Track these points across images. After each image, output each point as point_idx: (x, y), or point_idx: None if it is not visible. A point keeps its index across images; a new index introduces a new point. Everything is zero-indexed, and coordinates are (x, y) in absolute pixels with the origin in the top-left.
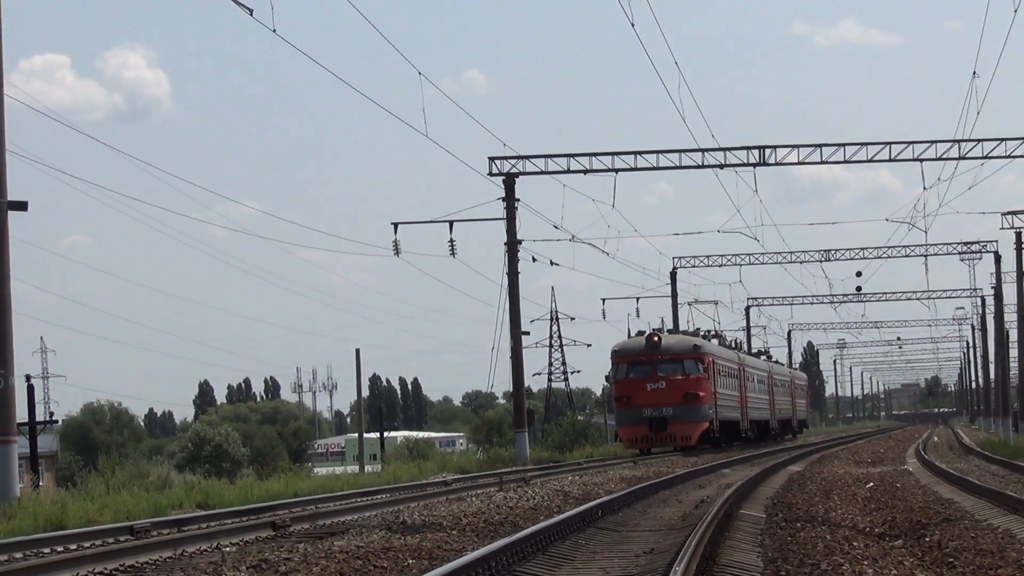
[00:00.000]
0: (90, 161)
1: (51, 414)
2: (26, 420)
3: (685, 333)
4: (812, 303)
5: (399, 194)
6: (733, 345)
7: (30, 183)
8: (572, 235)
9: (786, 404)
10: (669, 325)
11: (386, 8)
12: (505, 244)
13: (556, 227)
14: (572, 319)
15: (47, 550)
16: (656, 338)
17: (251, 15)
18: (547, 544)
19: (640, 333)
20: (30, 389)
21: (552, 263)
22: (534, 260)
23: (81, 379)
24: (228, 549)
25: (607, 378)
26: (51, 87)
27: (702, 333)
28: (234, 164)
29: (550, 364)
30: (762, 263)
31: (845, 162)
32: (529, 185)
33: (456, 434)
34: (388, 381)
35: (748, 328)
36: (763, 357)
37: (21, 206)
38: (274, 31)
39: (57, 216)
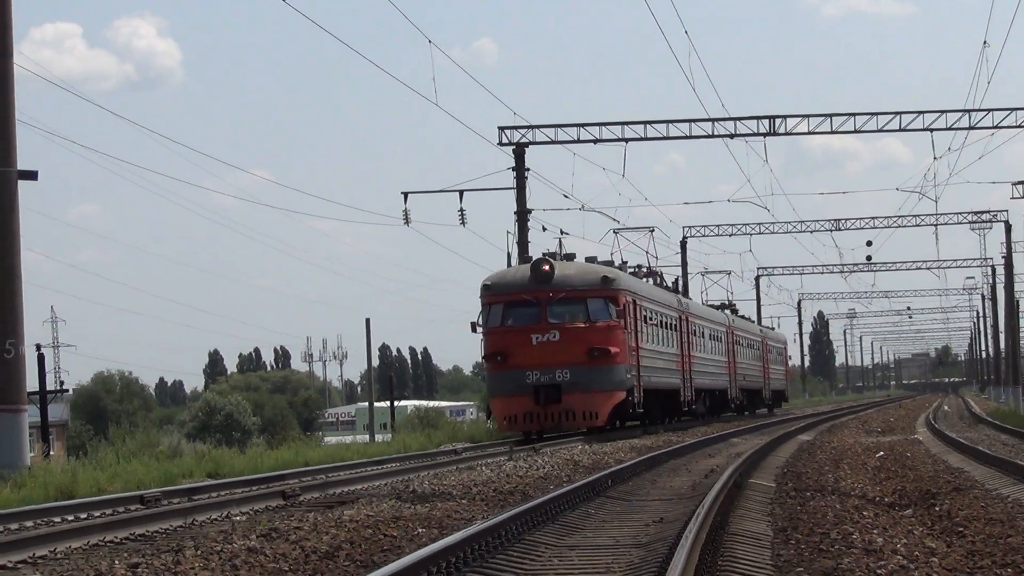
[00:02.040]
0: (101, 131)
1: (61, 384)
2: (36, 389)
3: (593, 262)
4: (822, 273)
5: (409, 163)
6: (674, 288)
7: (40, 153)
8: (582, 204)
9: (755, 370)
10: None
11: None
12: (515, 213)
13: (566, 196)
14: None
15: (57, 519)
16: (547, 266)
17: None
18: (557, 513)
19: (526, 260)
20: (40, 359)
21: (562, 232)
22: (544, 229)
23: (91, 349)
24: (238, 518)
25: (473, 326)
26: (61, 56)
27: (627, 267)
28: (244, 133)
29: None
30: (772, 232)
31: (855, 132)
32: (539, 154)
33: (467, 403)
34: (398, 350)
35: (758, 297)
36: (727, 311)
37: (31, 175)
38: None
39: (67, 186)
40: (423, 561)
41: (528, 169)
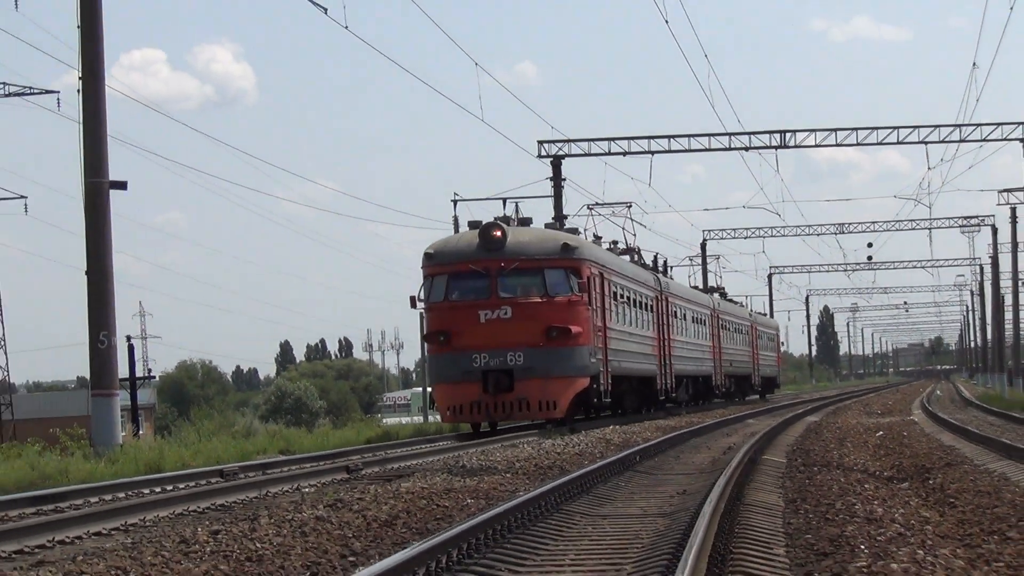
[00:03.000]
0: (183, 146)
1: (149, 371)
2: (127, 376)
3: (553, 227)
4: (828, 271)
5: (458, 174)
6: (653, 266)
7: (129, 165)
8: (612, 210)
9: (743, 356)
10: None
11: (445, 5)
12: (553, 219)
13: (597, 202)
14: None
15: (146, 491)
16: (498, 232)
17: (326, 13)
18: (591, 486)
19: (475, 224)
20: (130, 349)
21: (596, 236)
22: (577, 233)
23: (176, 339)
24: (307, 490)
25: (413, 301)
26: (148, 79)
27: (601, 243)
28: (311, 147)
29: None
30: (783, 235)
31: (857, 144)
32: (574, 165)
33: None
34: None
35: (771, 293)
36: (715, 295)
37: (121, 186)
38: (346, 27)
39: (153, 194)
40: (473, 528)
41: (564, 179)
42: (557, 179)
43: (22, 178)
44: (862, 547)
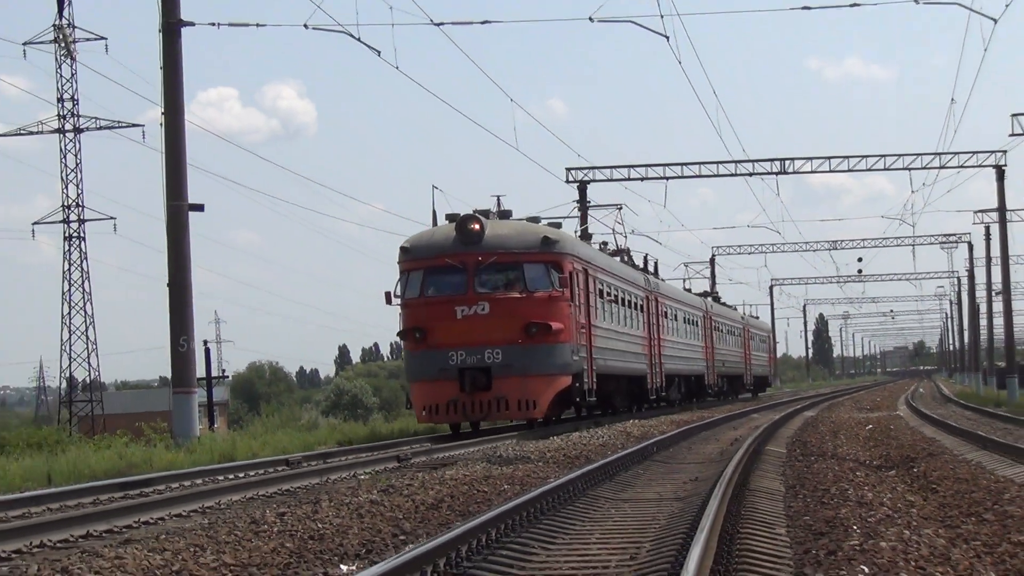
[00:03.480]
0: (253, 172)
1: (223, 371)
2: (204, 376)
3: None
4: (822, 283)
5: (494, 196)
6: (643, 267)
7: (206, 190)
8: (632, 229)
9: (736, 356)
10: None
11: (485, 48)
12: (580, 237)
13: (618, 223)
14: None
15: (221, 477)
16: (475, 224)
17: (379, 55)
18: (614, 473)
19: (452, 217)
20: (207, 351)
21: (586, 234)
22: (561, 227)
23: (247, 343)
24: (363, 477)
25: (388, 297)
26: (222, 114)
27: (591, 242)
28: (364, 173)
29: None
30: (783, 251)
31: (849, 171)
32: (598, 189)
33: None
34: None
35: (772, 304)
36: (708, 298)
37: (199, 208)
38: (396, 67)
39: (227, 215)
40: (509, 511)
41: (590, 201)
42: (583, 201)
43: (112, 201)
44: (854, 527)
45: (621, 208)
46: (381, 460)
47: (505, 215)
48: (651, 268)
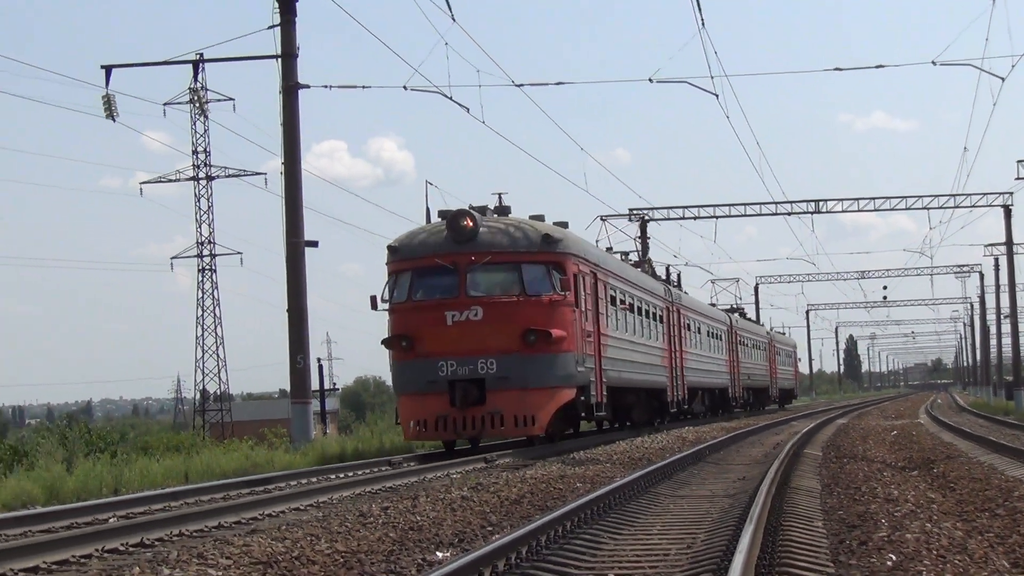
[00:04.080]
0: (360, 214)
1: (334, 384)
2: (317, 388)
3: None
4: (852, 308)
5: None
6: (665, 279)
7: (320, 228)
8: (687, 261)
9: (761, 369)
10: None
11: (559, 104)
12: (641, 271)
13: (675, 256)
14: None
15: (332, 476)
16: (468, 221)
17: (468, 112)
18: (672, 473)
19: (445, 214)
20: (320, 367)
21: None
22: (659, 279)
23: (354, 361)
24: (455, 476)
25: (374, 301)
26: (333, 163)
27: (612, 252)
28: None
29: None
30: (817, 280)
31: (875, 210)
32: (657, 226)
33: None
34: None
35: (808, 327)
36: (734, 314)
37: (313, 244)
38: (483, 122)
39: (337, 250)
40: (582, 506)
41: (649, 237)
42: (644, 237)
43: (239, 238)
44: (883, 521)
45: (643, 217)
46: (471, 462)
47: (503, 211)
48: (674, 280)
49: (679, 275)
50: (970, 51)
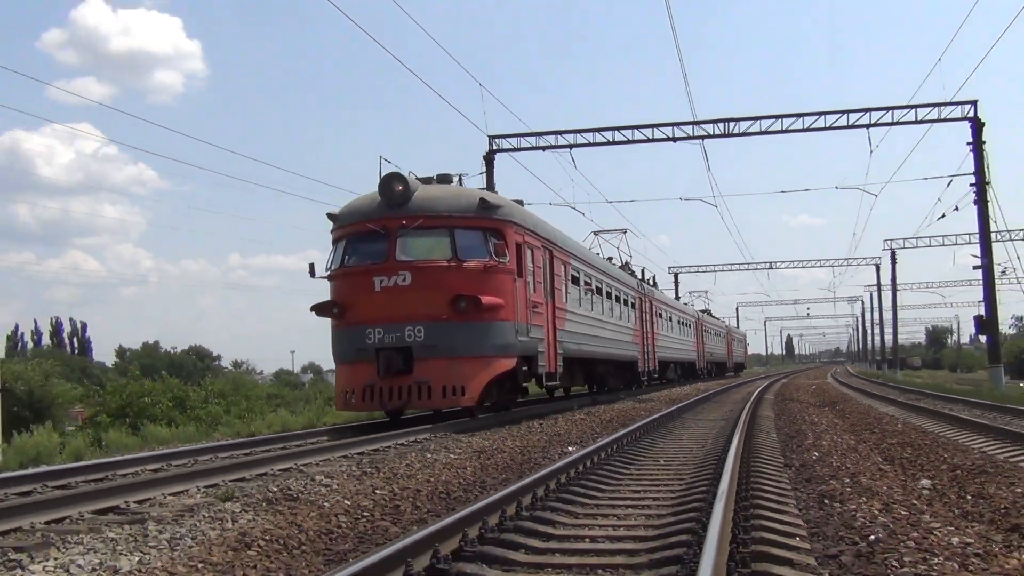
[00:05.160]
0: None
1: None
2: None
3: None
4: (793, 318)
5: None
6: (641, 277)
7: None
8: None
9: (721, 349)
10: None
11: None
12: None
13: (601, 231)
14: None
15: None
16: (400, 184)
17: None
18: (693, 407)
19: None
20: None
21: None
22: (633, 276)
23: None
24: (576, 408)
25: (311, 269)
26: None
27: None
28: None
29: None
30: (772, 304)
31: (801, 130)
32: (687, 278)
33: None
34: None
35: (766, 330)
36: (703, 312)
37: None
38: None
39: None
40: (645, 424)
41: (678, 287)
42: (677, 287)
43: None
44: (809, 434)
45: (625, 232)
46: (584, 399)
47: (444, 179)
48: (649, 281)
49: (654, 277)
50: (858, 178)
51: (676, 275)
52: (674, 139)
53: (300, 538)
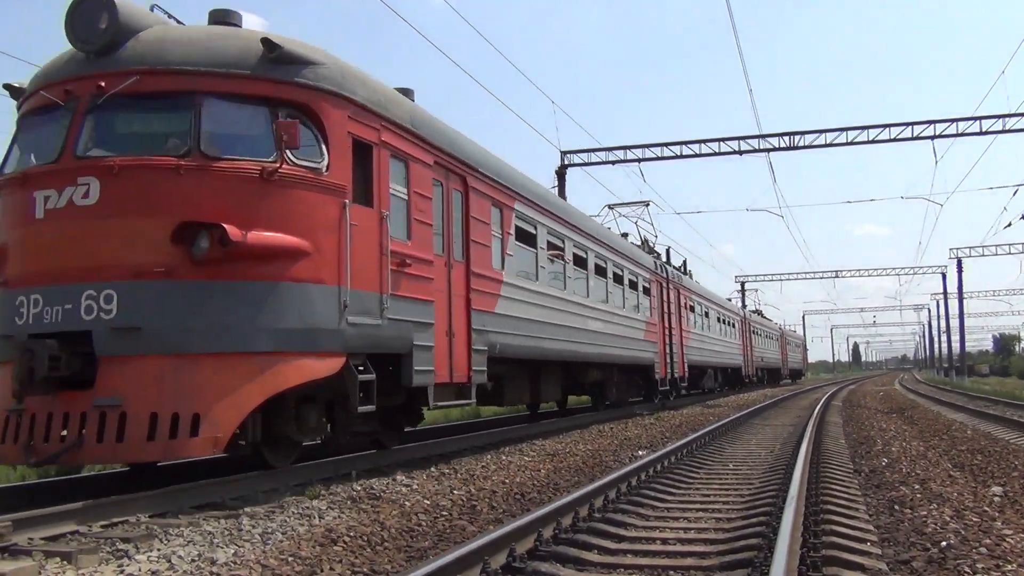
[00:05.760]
0: None
1: None
2: None
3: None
4: (861, 326)
5: None
6: (667, 260)
7: None
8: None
9: (774, 353)
10: None
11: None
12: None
13: (619, 203)
14: None
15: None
16: (103, 18)
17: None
18: (760, 412)
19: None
20: None
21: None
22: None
23: None
24: (645, 413)
25: None
26: None
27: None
28: None
29: None
30: (840, 312)
31: (859, 143)
32: (756, 288)
33: None
34: None
35: (832, 335)
36: (752, 312)
37: None
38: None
39: None
40: (714, 428)
41: (745, 293)
42: (743, 298)
43: None
44: (878, 440)
45: (648, 205)
46: (651, 404)
47: (223, 18)
48: (680, 267)
49: (685, 262)
50: (923, 188)
51: (743, 284)
52: (740, 152)
53: (383, 535)
